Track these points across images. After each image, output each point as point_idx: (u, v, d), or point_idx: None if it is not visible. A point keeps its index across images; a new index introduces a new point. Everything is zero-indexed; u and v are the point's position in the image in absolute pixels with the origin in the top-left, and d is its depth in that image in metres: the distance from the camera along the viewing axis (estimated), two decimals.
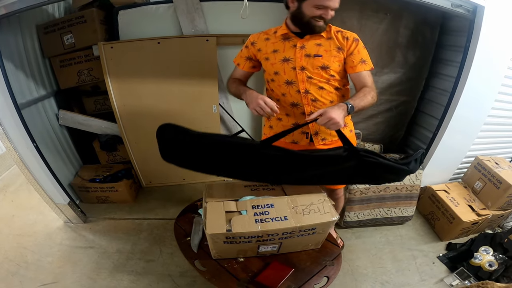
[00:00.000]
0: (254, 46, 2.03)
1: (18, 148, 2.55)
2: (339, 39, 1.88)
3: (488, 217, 2.88)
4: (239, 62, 2.14)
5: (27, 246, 2.87)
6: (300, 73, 1.90)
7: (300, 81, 1.91)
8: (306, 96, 1.94)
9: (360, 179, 2.01)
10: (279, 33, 1.93)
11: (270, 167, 1.81)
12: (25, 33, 2.84)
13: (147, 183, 3.72)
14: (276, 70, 1.96)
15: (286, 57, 1.91)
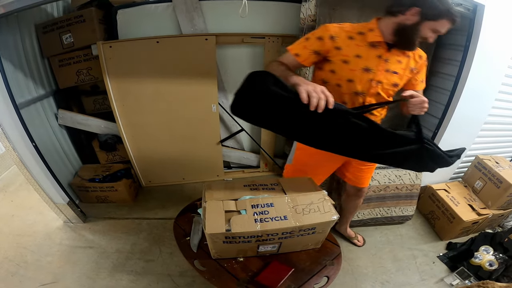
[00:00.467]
0: (334, 42, 1.75)
1: (17, 148, 2.54)
2: (415, 58, 1.84)
3: (488, 216, 2.88)
4: (300, 53, 1.81)
5: (27, 246, 2.86)
6: (374, 87, 1.80)
7: (369, 94, 1.82)
8: (383, 111, 1.94)
9: (412, 164, 1.89)
10: (370, 39, 1.75)
11: (354, 139, 1.68)
12: (24, 32, 2.83)
13: (146, 182, 3.72)
14: (351, 77, 1.79)
15: (368, 67, 1.76)
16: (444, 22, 1.61)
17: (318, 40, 1.76)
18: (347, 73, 1.77)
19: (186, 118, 3.27)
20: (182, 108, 3.22)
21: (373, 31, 1.75)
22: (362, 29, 1.78)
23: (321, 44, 1.75)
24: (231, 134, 3.66)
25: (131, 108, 3.13)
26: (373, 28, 1.76)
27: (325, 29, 1.76)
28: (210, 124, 3.38)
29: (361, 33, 1.76)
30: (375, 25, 1.77)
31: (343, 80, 1.79)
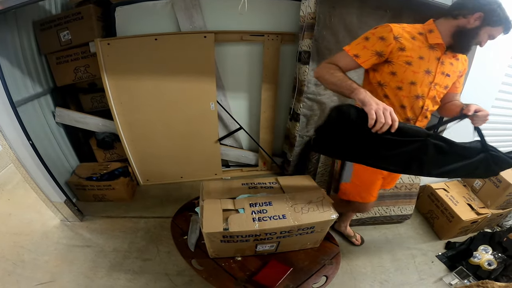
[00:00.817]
0: (398, 42, 1.67)
1: (14, 146, 2.52)
2: (463, 61, 1.83)
3: (487, 216, 2.89)
4: (360, 54, 1.72)
5: (24, 245, 2.84)
6: (432, 90, 1.76)
7: (428, 97, 1.78)
8: (425, 113, 1.84)
9: (481, 172, 1.80)
10: (431, 40, 1.71)
11: (430, 158, 1.62)
12: (22, 29, 2.81)
13: (144, 181, 3.70)
14: (414, 80, 1.73)
15: (429, 69, 1.72)
16: (500, 29, 1.61)
17: (381, 40, 1.67)
18: (410, 75, 1.72)
19: (184, 116, 3.26)
20: (180, 106, 3.20)
21: (432, 32, 1.71)
22: (421, 29, 1.74)
23: (384, 44, 1.67)
24: (230, 133, 3.65)
25: (129, 106, 3.11)
26: (432, 29, 1.72)
27: (388, 28, 1.67)
28: (208, 122, 3.37)
29: (421, 34, 1.72)
30: (434, 26, 1.73)
31: (405, 82, 1.74)
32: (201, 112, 3.27)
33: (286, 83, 3.41)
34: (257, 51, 3.18)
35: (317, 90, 3.05)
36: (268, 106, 3.47)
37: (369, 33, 1.71)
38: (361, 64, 1.73)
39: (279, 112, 3.61)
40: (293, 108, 3.30)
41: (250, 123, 3.73)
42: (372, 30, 1.72)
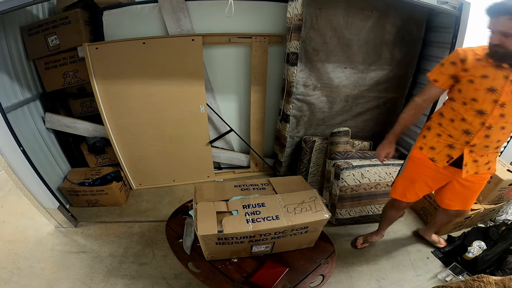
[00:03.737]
0: (463, 64, 1.79)
1: (4, 153, 2.50)
2: None
3: (480, 211, 2.90)
4: (438, 79, 1.91)
5: (19, 252, 2.83)
6: (498, 109, 1.74)
7: (492, 115, 1.77)
8: (486, 130, 1.83)
9: None
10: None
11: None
12: (9, 34, 2.79)
13: (137, 185, 3.70)
14: (475, 97, 1.78)
15: (494, 87, 1.71)
16: None
17: (452, 65, 1.83)
18: (472, 92, 1.78)
19: (175, 120, 3.26)
20: (171, 109, 3.20)
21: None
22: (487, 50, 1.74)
23: (455, 68, 1.82)
24: (220, 135, 3.65)
25: (118, 110, 3.10)
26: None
27: (456, 53, 1.82)
28: (199, 125, 3.36)
29: (487, 54, 1.72)
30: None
31: (467, 98, 1.82)
32: (191, 115, 3.27)
33: (275, 85, 3.42)
34: (245, 53, 3.18)
35: (306, 91, 3.07)
36: (258, 108, 3.47)
37: (444, 60, 1.89)
38: (441, 87, 1.93)
39: (269, 114, 3.62)
40: (283, 109, 3.31)
41: (240, 125, 3.73)
42: (447, 56, 1.89)
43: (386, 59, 3.02)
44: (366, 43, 2.90)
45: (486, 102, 1.75)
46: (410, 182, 2.29)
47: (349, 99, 3.21)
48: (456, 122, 1.90)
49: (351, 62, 2.97)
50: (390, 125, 3.45)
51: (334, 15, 2.72)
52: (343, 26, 2.77)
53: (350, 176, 2.87)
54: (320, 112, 3.25)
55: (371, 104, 3.30)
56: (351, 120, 3.39)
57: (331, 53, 2.90)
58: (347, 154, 3.09)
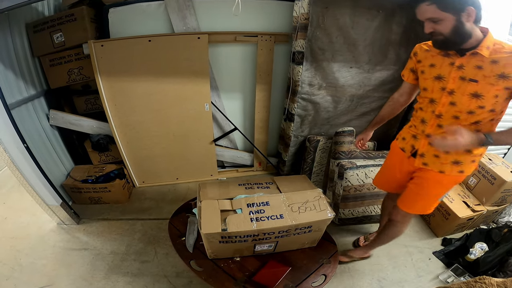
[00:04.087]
0: (416, 57, 1.90)
1: (8, 149, 2.51)
2: (504, 62, 1.55)
3: (483, 213, 2.90)
4: (404, 74, 2.07)
5: (20, 248, 2.83)
6: (446, 96, 1.73)
7: (441, 103, 1.76)
8: (436, 119, 1.82)
9: None
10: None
11: None
12: (14, 31, 2.79)
13: (140, 183, 3.70)
14: (426, 86, 1.83)
15: (441, 74, 1.73)
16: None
17: (410, 59, 1.99)
18: (423, 82, 1.87)
19: (179, 118, 3.25)
20: (175, 107, 3.19)
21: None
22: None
23: (411, 61, 1.97)
24: (225, 133, 3.64)
25: (123, 108, 3.10)
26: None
27: (413, 48, 1.95)
28: (203, 123, 3.36)
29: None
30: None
31: (421, 88, 1.92)
32: (196, 113, 3.26)
33: (280, 84, 3.41)
34: (251, 51, 3.17)
35: (311, 90, 3.05)
36: (262, 107, 3.47)
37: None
38: (407, 81, 2.08)
39: (273, 113, 3.61)
40: (287, 109, 3.30)
41: (244, 123, 3.73)
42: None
43: (392, 59, 3.00)
44: (372, 43, 2.88)
45: (435, 90, 1.77)
46: (384, 169, 2.39)
47: (354, 99, 3.20)
48: (418, 112, 1.96)
49: (356, 61, 2.96)
50: (395, 125, 3.45)
51: (340, 15, 2.70)
52: (350, 25, 2.76)
53: (354, 176, 2.87)
54: (325, 111, 3.24)
55: (376, 104, 3.28)
56: (355, 120, 3.38)
57: (337, 53, 2.88)
58: (351, 154, 3.08)
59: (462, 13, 1.51)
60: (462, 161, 1.84)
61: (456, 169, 1.87)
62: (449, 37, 1.57)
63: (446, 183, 1.95)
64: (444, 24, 1.54)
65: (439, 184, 1.96)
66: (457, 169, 1.87)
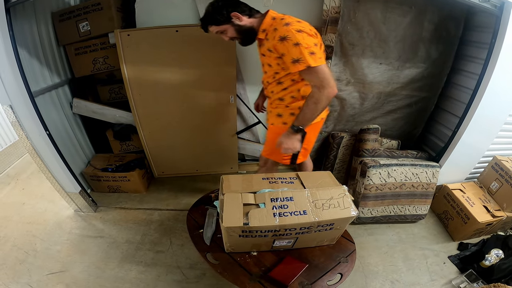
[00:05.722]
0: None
1: (30, 136, 2.54)
2: (271, 40, 1.96)
3: (502, 218, 2.83)
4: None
5: (37, 234, 2.88)
6: (263, 68, 2.26)
7: (263, 73, 2.30)
8: (264, 84, 2.37)
9: None
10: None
11: None
12: (40, 20, 2.81)
13: (159, 173, 3.72)
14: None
15: (259, 55, 2.20)
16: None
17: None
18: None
19: (203, 109, 3.24)
20: (199, 99, 3.19)
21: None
22: None
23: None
24: (248, 126, 3.63)
25: (147, 98, 3.10)
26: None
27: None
28: (227, 115, 3.34)
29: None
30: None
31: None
32: (220, 105, 3.25)
33: None
34: None
35: (339, 85, 3.02)
36: None
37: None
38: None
39: None
40: None
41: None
42: None
43: (422, 57, 2.96)
44: (403, 39, 2.85)
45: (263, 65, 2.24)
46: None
47: (381, 96, 3.17)
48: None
49: (386, 58, 2.93)
50: (420, 125, 3.42)
51: (372, 9, 2.68)
52: (381, 20, 2.73)
53: (377, 174, 2.83)
54: (350, 108, 3.22)
55: (403, 103, 3.25)
56: (380, 117, 3.35)
57: (367, 48, 2.87)
58: (375, 152, 3.05)
59: (231, 19, 1.99)
60: (282, 114, 2.29)
61: (279, 120, 2.31)
62: (239, 37, 2.10)
63: (276, 131, 2.32)
64: (229, 31, 2.05)
65: (271, 132, 2.44)
66: (280, 121, 2.31)
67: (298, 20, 1.94)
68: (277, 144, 2.11)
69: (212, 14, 1.99)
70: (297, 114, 2.05)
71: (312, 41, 1.87)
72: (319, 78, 1.87)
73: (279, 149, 2.16)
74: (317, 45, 1.94)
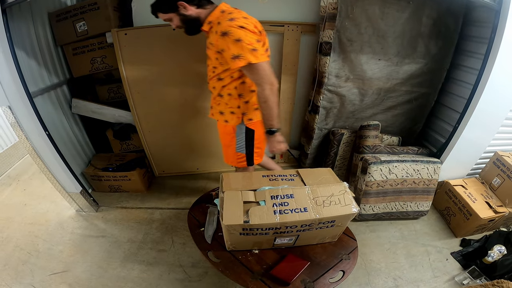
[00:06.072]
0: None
1: (30, 137, 2.54)
2: (213, 34, 1.99)
3: (504, 214, 2.83)
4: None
5: (39, 234, 2.87)
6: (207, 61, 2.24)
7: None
8: (208, 81, 2.34)
9: None
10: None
11: None
12: (37, 20, 2.81)
13: (160, 172, 3.72)
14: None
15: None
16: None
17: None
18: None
19: (202, 107, 3.23)
20: (198, 97, 3.18)
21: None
22: None
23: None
24: None
25: (146, 97, 3.10)
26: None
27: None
28: None
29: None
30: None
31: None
32: None
33: (305, 75, 3.37)
34: (277, 41, 3.13)
35: (338, 82, 3.02)
36: (287, 98, 3.44)
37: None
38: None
39: (297, 104, 3.57)
40: (312, 100, 3.28)
41: None
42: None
43: (421, 52, 2.95)
44: (402, 35, 2.84)
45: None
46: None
47: (381, 92, 3.16)
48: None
49: (385, 54, 2.92)
50: (421, 121, 3.41)
51: (370, 5, 2.67)
52: (379, 16, 2.72)
53: (378, 171, 2.82)
54: (350, 104, 3.21)
55: (403, 99, 3.24)
56: (381, 114, 3.34)
57: (365, 44, 2.85)
58: (375, 148, 3.05)
59: (178, 8, 2.00)
60: (224, 112, 2.30)
61: (222, 118, 2.33)
62: (184, 26, 2.12)
63: (222, 131, 2.42)
64: (175, 20, 2.07)
65: (220, 132, 2.49)
66: (223, 119, 2.32)
67: (245, 16, 1.99)
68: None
69: (159, 1, 2.05)
70: (262, 119, 2.11)
71: (254, 38, 1.89)
72: (260, 75, 1.94)
73: (229, 152, 2.41)
74: (260, 42, 1.97)
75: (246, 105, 2.23)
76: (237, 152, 2.42)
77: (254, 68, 1.90)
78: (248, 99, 2.21)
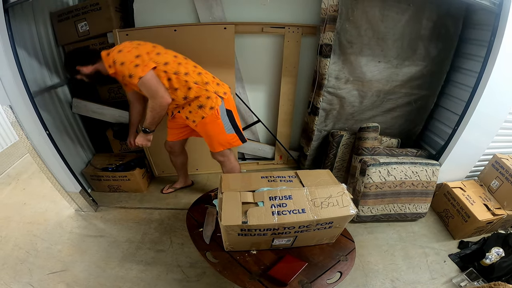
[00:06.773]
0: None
1: (30, 136, 2.54)
2: (118, 72, 2.21)
3: (503, 217, 2.83)
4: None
5: (37, 234, 2.88)
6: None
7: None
8: (176, 109, 2.56)
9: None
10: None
11: None
12: (39, 20, 2.82)
13: (159, 172, 3.72)
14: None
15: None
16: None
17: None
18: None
19: None
20: None
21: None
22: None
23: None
24: (247, 125, 3.63)
25: None
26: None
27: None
28: None
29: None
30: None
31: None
32: None
33: (305, 77, 3.38)
34: (277, 43, 3.15)
35: (338, 84, 3.03)
36: (287, 100, 3.45)
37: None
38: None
39: (297, 106, 3.58)
40: (312, 102, 3.28)
41: (268, 116, 3.71)
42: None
43: (421, 55, 2.96)
44: (401, 37, 2.85)
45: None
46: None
47: (381, 94, 3.17)
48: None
49: (385, 56, 2.92)
50: (420, 123, 3.41)
51: (370, 7, 2.68)
52: (379, 18, 2.73)
53: (376, 173, 2.82)
54: (350, 106, 3.21)
55: (402, 101, 3.24)
56: (380, 116, 3.35)
57: (365, 46, 2.86)
58: (374, 150, 3.04)
59: (79, 71, 2.35)
60: (191, 110, 2.47)
61: (198, 115, 2.45)
62: (92, 81, 2.51)
63: (206, 122, 2.49)
64: (84, 78, 2.42)
65: (205, 127, 2.54)
66: (199, 115, 2.44)
67: (131, 42, 2.30)
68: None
69: (66, 68, 2.46)
70: (145, 120, 2.47)
71: (133, 55, 2.15)
72: (149, 91, 2.23)
73: (221, 138, 2.57)
74: (140, 55, 2.18)
75: (200, 99, 2.41)
76: (228, 134, 2.57)
77: (142, 84, 2.17)
78: (194, 94, 2.37)
